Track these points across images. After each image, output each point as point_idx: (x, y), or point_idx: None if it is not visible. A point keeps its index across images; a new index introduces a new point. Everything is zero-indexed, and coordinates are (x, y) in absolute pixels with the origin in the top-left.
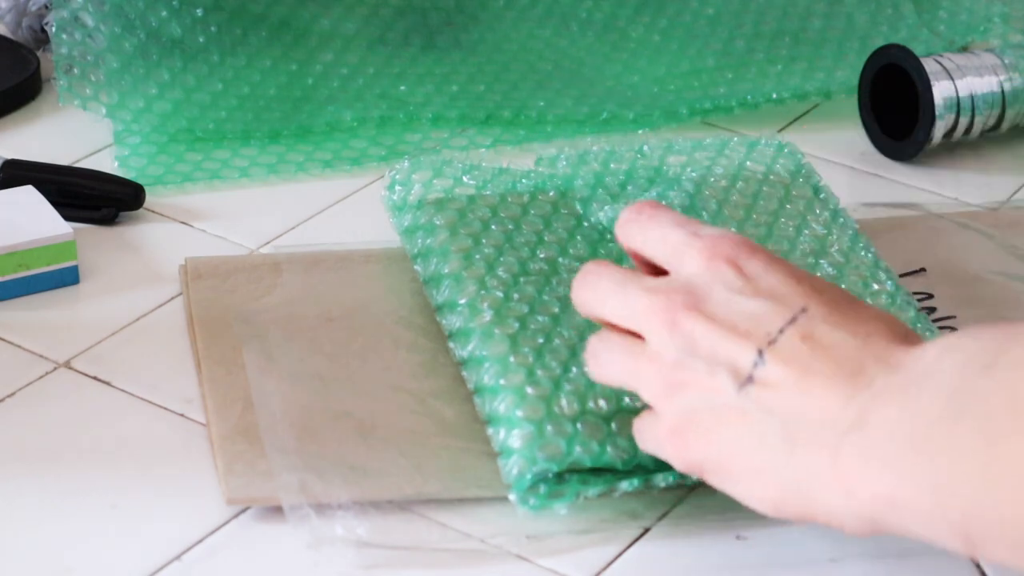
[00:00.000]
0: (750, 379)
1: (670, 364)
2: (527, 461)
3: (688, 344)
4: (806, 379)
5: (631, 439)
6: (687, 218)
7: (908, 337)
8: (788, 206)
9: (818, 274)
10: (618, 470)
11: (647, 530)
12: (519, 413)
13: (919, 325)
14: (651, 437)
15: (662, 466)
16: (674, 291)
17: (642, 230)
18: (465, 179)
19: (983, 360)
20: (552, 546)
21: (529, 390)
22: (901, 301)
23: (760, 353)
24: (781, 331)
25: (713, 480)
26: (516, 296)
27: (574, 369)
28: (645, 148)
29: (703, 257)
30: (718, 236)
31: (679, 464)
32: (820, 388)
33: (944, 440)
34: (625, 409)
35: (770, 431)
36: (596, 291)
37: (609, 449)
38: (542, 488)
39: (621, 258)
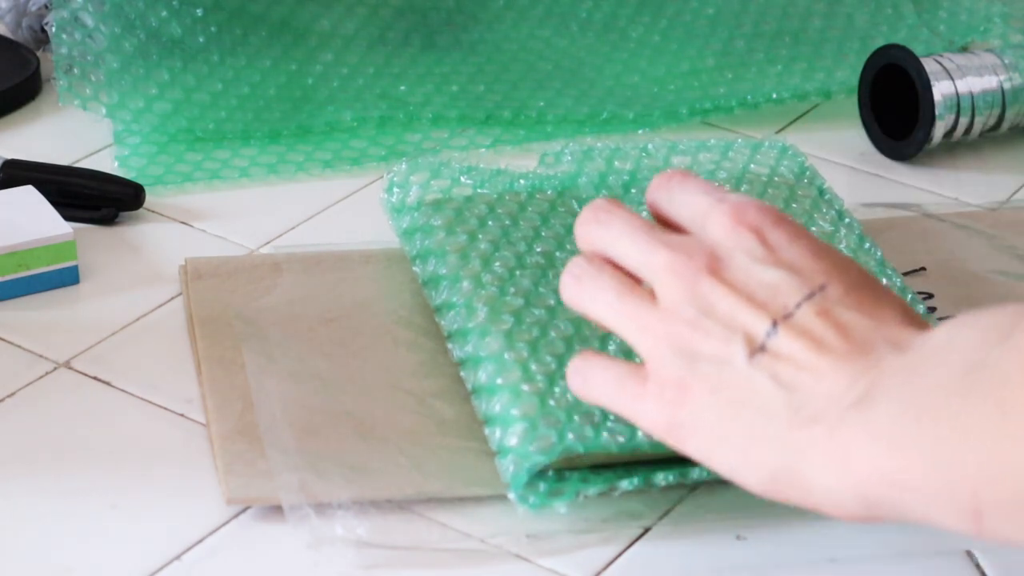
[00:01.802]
0: (762, 348)
1: (684, 322)
2: (522, 458)
3: (705, 307)
4: (817, 355)
5: (627, 425)
6: (715, 185)
7: (920, 324)
8: (794, 205)
9: None
10: (618, 469)
11: (647, 530)
12: (515, 411)
13: None
14: (631, 390)
15: (659, 446)
16: (696, 252)
17: (670, 194)
18: (463, 179)
19: (999, 332)
20: (552, 546)
21: (524, 387)
22: (910, 299)
23: (775, 324)
24: (798, 305)
25: (691, 446)
26: (512, 290)
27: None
28: (650, 147)
29: (727, 222)
30: (744, 203)
31: (660, 421)
32: (829, 365)
33: (954, 414)
34: None
35: (774, 402)
36: (608, 229)
37: (604, 434)
38: (542, 486)
39: None
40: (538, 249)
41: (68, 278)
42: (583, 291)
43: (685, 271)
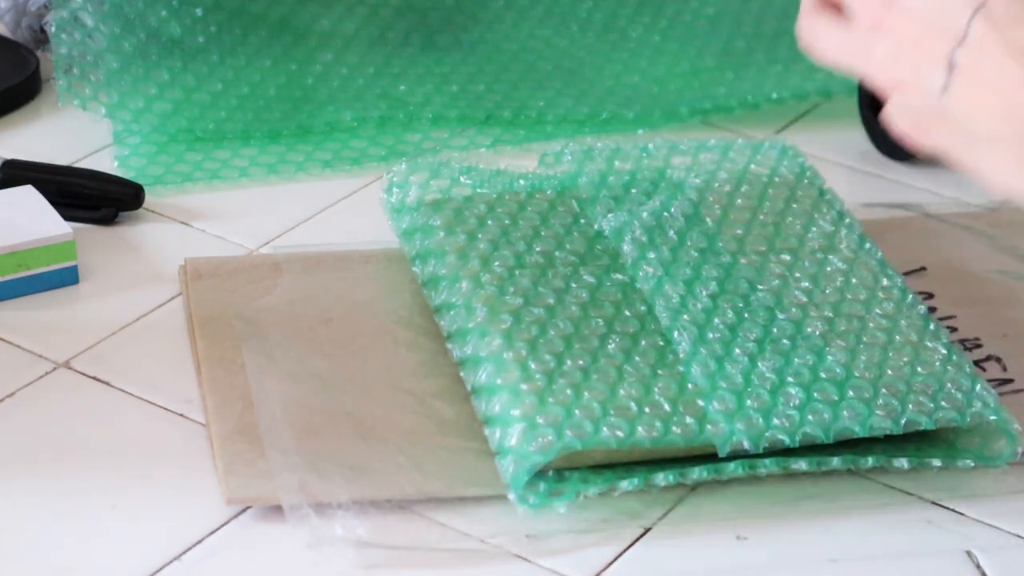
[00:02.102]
0: (946, 88)
1: (881, 63)
2: (522, 458)
3: (894, 44)
4: (998, 79)
5: (627, 420)
6: None
7: None
8: (795, 205)
9: (827, 269)
10: (618, 469)
11: (647, 530)
12: (515, 412)
13: (930, 326)
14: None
15: (658, 442)
16: None
17: None
18: (462, 180)
19: None
20: (552, 546)
21: (524, 387)
22: (911, 299)
23: (951, 58)
24: (968, 24)
25: (956, 165)
26: (512, 289)
27: (568, 362)
28: (650, 146)
29: None
30: None
31: (924, 149)
32: (1008, 89)
33: None
34: (619, 399)
35: (972, 131)
36: None
37: (604, 429)
38: (542, 486)
39: (617, 256)
40: (537, 249)
41: (68, 278)
42: (825, 52)
43: (869, 9)
